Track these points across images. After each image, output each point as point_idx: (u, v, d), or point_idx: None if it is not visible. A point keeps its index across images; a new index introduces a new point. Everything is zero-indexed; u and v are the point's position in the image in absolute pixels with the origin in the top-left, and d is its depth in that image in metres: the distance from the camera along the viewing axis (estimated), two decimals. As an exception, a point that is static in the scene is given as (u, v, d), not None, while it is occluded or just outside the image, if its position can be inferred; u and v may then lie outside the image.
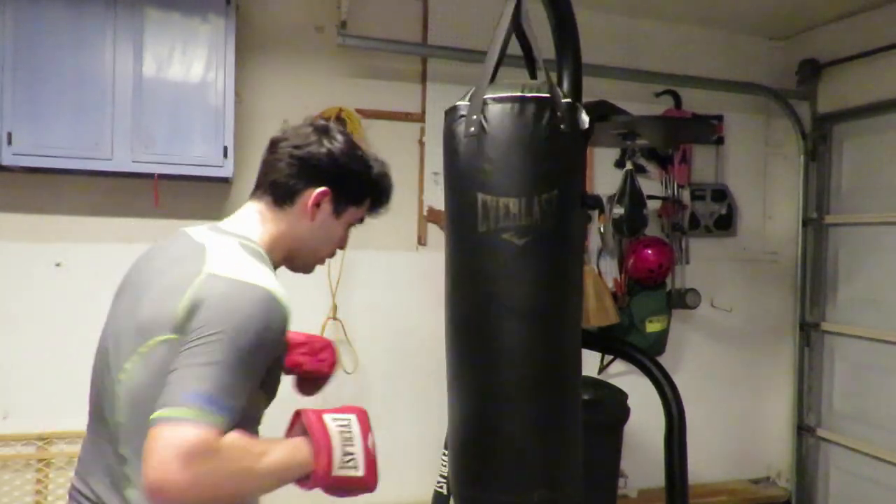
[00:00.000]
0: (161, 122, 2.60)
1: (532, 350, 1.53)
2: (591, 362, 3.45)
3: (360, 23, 3.03)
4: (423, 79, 3.24)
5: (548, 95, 1.49)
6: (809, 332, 3.68)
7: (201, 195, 2.91)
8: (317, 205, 1.26)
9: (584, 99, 1.63)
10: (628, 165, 3.26)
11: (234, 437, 1.00)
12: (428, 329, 3.23)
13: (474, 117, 1.55)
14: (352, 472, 1.11)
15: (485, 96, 1.55)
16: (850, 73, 3.44)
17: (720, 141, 3.72)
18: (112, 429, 1.13)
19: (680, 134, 3.06)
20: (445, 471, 2.63)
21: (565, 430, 1.60)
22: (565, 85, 1.65)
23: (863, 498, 3.41)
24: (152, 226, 2.86)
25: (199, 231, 1.24)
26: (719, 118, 3.70)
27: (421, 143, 3.23)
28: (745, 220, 3.82)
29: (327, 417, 1.13)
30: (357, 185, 1.31)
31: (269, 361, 1.11)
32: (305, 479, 1.09)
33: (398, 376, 3.15)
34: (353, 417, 1.15)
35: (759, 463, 3.90)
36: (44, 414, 2.76)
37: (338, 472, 1.09)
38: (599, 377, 3.40)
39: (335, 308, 2.99)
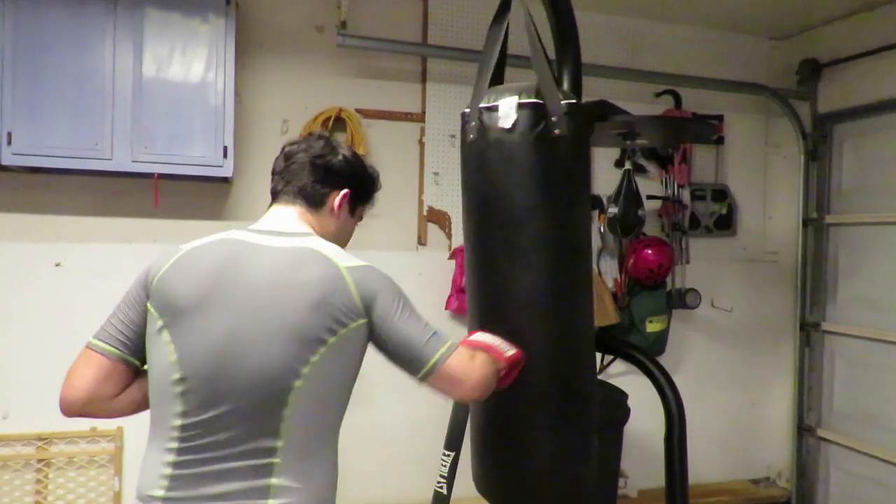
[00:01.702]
0: (161, 122, 2.59)
1: (543, 349, 1.56)
2: (591, 362, 3.45)
3: (360, 23, 3.03)
4: (423, 79, 3.24)
5: (540, 101, 1.50)
6: (809, 332, 3.68)
7: (201, 195, 2.91)
8: (340, 205, 1.47)
9: (584, 99, 1.63)
10: (627, 165, 3.26)
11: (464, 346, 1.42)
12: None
13: (472, 123, 1.58)
14: (512, 351, 1.52)
15: (480, 104, 1.56)
16: (850, 73, 3.44)
17: (720, 141, 3.72)
18: (263, 426, 1.23)
19: (680, 134, 3.06)
20: (445, 471, 2.63)
21: (579, 425, 1.62)
22: (565, 85, 1.65)
23: (863, 498, 3.41)
24: (152, 226, 2.87)
25: (265, 238, 1.35)
26: (719, 118, 3.70)
27: (421, 143, 3.23)
28: (745, 220, 3.82)
29: (473, 338, 1.55)
30: (366, 185, 1.54)
31: None
32: (502, 365, 1.48)
33: (398, 376, 3.15)
34: (481, 332, 1.57)
35: (759, 463, 3.90)
36: (44, 414, 2.75)
37: (507, 354, 1.51)
38: (599, 377, 3.40)
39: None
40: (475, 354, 1.39)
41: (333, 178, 1.45)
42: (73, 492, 2.78)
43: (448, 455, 2.61)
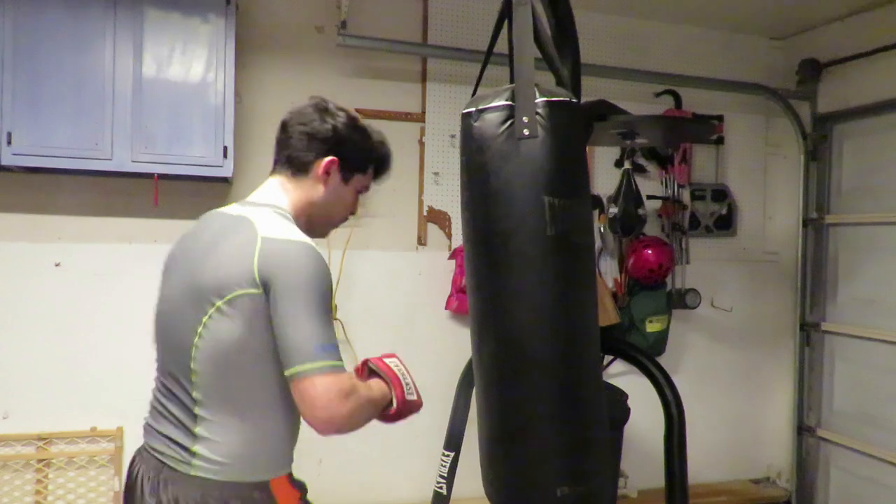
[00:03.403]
0: (161, 122, 2.59)
1: (546, 350, 1.55)
2: (591, 362, 3.45)
3: (360, 23, 3.03)
4: (423, 79, 3.24)
5: (509, 102, 1.48)
6: (809, 332, 3.68)
7: (201, 195, 2.91)
8: (327, 172, 1.45)
9: (584, 99, 1.63)
10: (627, 165, 3.26)
11: (353, 376, 1.30)
12: (427, 328, 3.24)
13: (462, 126, 1.58)
14: (413, 397, 1.45)
15: (471, 108, 1.56)
16: (850, 73, 3.44)
17: (720, 141, 3.72)
18: (184, 378, 1.34)
19: (680, 134, 3.06)
20: (445, 471, 2.63)
21: (586, 426, 1.61)
22: (565, 86, 1.65)
23: (863, 498, 3.40)
24: (152, 226, 2.87)
25: (231, 208, 1.45)
26: (719, 118, 3.70)
27: (421, 143, 3.23)
28: (745, 220, 3.82)
29: (389, 360, 1.47)
30: (359, 153, 1.50)
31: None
32: (387, 408, 1.41)
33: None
34: (397, 359, 1.49)
35: (759, 463, 3.90)
36: (44, 414, 2.76)
37: (407, 398, 1.43)
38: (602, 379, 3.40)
39: (335, 308, 2.98)
40: (355, 393, 1.26)
41: (320, 145, 1.44)
42: (73, 492, 2.78)
43: (448, 455, 2.62)
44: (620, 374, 3.35)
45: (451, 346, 3.12)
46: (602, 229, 3.41)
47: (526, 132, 1.47)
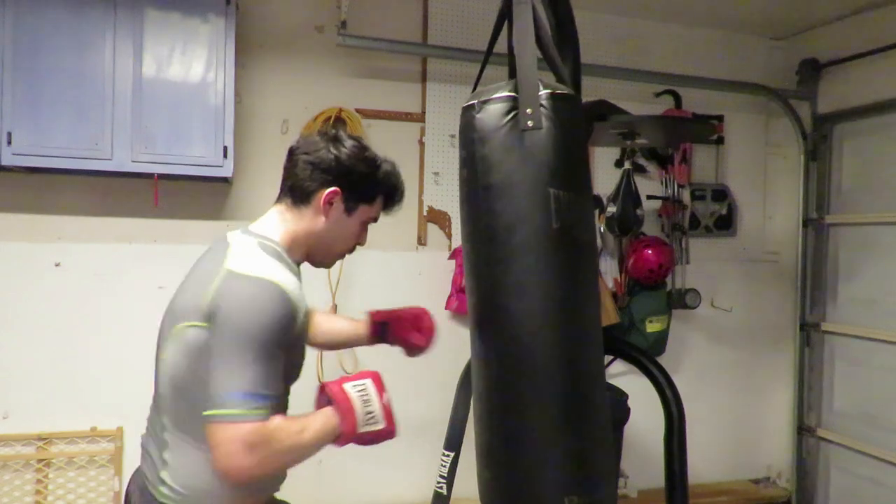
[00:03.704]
0: (161, 122, 2.59)
1: (552, 349, 1.52)
2: (591, 362, 3.45)
3: (360, 23, 3.03)
4: (423, 79, 3.24)
5: (512, 94, 1.46)
6: (809, 332, 3.68)
7: (201, 195, 2.91)
8: (329, 203, 1.41)
9: (584, 99, 1.62)
10: (627, 165, 3.26)
11: (278, 421, 1.23)
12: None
13: (464, 119, 1.55)
14: (374, 427, 1.34)
15: (473, 101, 1.53)
16: (850, 73, 3.44)
17: (720, 141, 3.72)
18: (158, 400, 1.37)
19: (680, 134, 3.06)
20: (445, 471, 2.63)
21: (592, 430, 1.57)
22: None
23: (863, 498, 3.40)
24: (152, 226, 2.87)
25: (233, 233, 1.43)
26: (719, 118, 3.70)
27: (421, 143, 3.23)
28: (745, 220, 3.82)
29: (347, 386, 1.34)
30: (365, 184, 1.45)
31: (285, 348, 1.28)
32: (337, 440, 1.32)
33: (398, 376, 3.14)
34: (368, 381, 1.37)
35: (759, 463, 3.90)
36: (44, 414, 2.76)
37: (362, 429, 1.32)
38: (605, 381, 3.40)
39: (335, 308, 2.98)
40: (265, 445, 1.19)
41: (321, 175, 1.40)
42: (73, 492, 2.78)
43: (448, 455, 2.61)
44: (620, 374, 3.35)
45: (451, 346, 3.10)
46: (601, 229, 3.41)
47: (530, 123, 1.44)
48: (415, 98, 3.23)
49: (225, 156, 2.65)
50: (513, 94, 1.46)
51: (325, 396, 1.35)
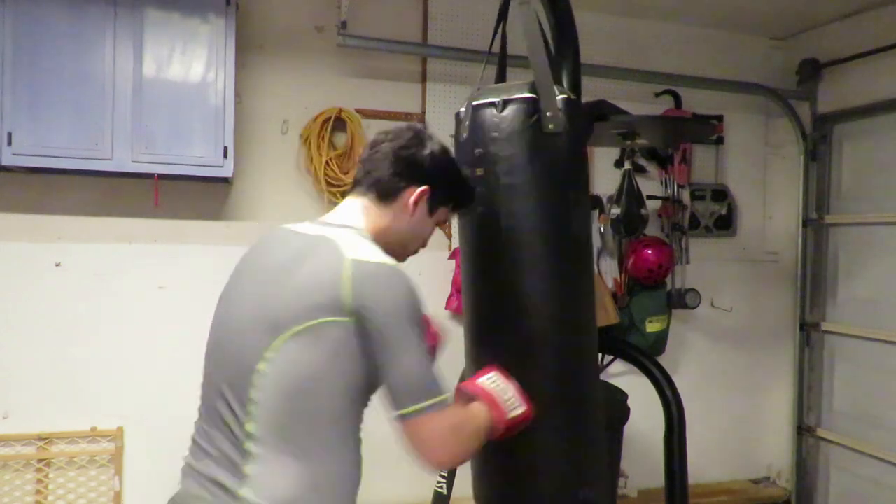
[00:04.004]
0: (161, 122, 2.59)
1: (545, 352, 1.53)
2: (591, 362, 3.45)
3: (360, 23, 3.03)
4: (423, 79, 3.24)
5: (533, 96, 1.48)
6: (809, 332, 3.68)
7: (201, 195, 2.91)
8: (416, 203, 1.37)
9: (584, 99, 1.63)
10: (627, 165, 3.25)
11: (454, 408, 1.25)
12: (428, 329, 3.23)
13: (467, 123, 1.56)
14: (518, 411, 1.37)
15: (473, 102, 1.55)
16: (850, 73, 3.44)
17: (720, 141, 3.72)
18: (239, 408, 1.21)
19: (679, 134, 3.06)
20: (445, 471, 2.62)
21: (588, 430, 1.59)
22: (564, 85, 1.65)
23: (863, 498, 3.41)
24: (152, 226, 2.87)
25: (307, 227, 1.34)
26: (719, 118, 3.70)
27: (421, 143, 3.23)
28: (745, 220, 3.82)
29: (482, 380, 1.38)
30: (450, 187, 1.44)
31: None
32: (493, 429, 1.33)
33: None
34: (495, 374, 1.40)
35: (759, 463, 3.90)
36: (44, 414, 2.76)
37: (511, 415, 1.34)
38: (599, 377, 3.40)
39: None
40: (464, 427, 1.23)
41: (414, 172, 1.36)
42: (73, 492, 2.78)
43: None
44: (620, 374, 3.35)
45: (450, 346, 3.11)
46: (602, 229, 3.41)
47: (551, 126, 1.47)
48: (415, 98, 3.23)
49: (225, 156, 2.65)
50: (532, 95, 1.48)
51: (464, 396, 1.37)
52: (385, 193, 1.36)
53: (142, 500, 2.84)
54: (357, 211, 1.37)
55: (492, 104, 1.51)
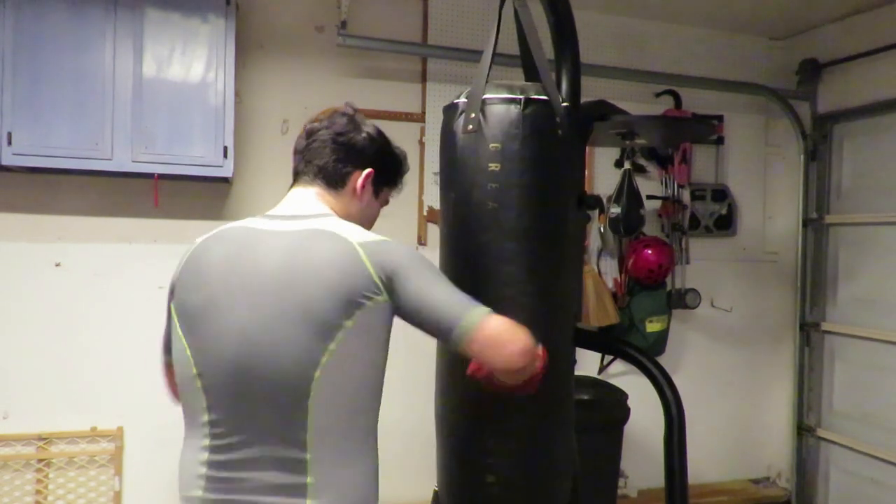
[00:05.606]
0: (161, 122, 2.59)
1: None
2: (591, 362, 3.45)
3: (360, 23, 3.03)
4: (423, 79, 3.24)
5: (546, 98, 1.51)
6: (809, 332, 3.68)
7: (201, 195, 2.91)
8: (363, 186, 1.39)
9: (584, 99, 1.64)
10: (627, 165, 3.26)
11: None
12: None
13: (472, 115, 1.55)
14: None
15: (484, 96, 1.55)
16: (850, 73, 3.44)
17: (720, 141, 3.72)
18: (295, 421, 1.16)
19: (679, 134, 3.06)
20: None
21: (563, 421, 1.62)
22: (564, 85, 1.66)
23: (863, 498, 3.40)
24: (152, 226, 2.87)
25: (269, 223, 1.29)
26: (719, 118, 3.70)
27: (421, 143, 3.23)
28: (745, 220, 3.82)
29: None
30: (391, 167, 1.47)
31: None
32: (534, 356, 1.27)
33: (397, 376, 3.14)
34: None
35: (759, 463, 3.90)
36: (44, 414, 2.76)
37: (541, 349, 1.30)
38: (599, 377, 3.40)
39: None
40: (519, 326, 1.22)
41: (356, 157, 1.37)
42: (73, 492, 2.78)
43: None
44: (620, 374, 3.35)
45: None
46: (602, 229, 3.41)
47: (560, 132, 1.52)
48: (415, 98, 3.23)
49: (225, 156, 2.65)
50: (545, 97, 1.51)
51: None
52: (333, 181, 1.36)
53: (142, 500, 2.84)
54: (314, 199, 1.35)
55: (513, 101, 1.51)
